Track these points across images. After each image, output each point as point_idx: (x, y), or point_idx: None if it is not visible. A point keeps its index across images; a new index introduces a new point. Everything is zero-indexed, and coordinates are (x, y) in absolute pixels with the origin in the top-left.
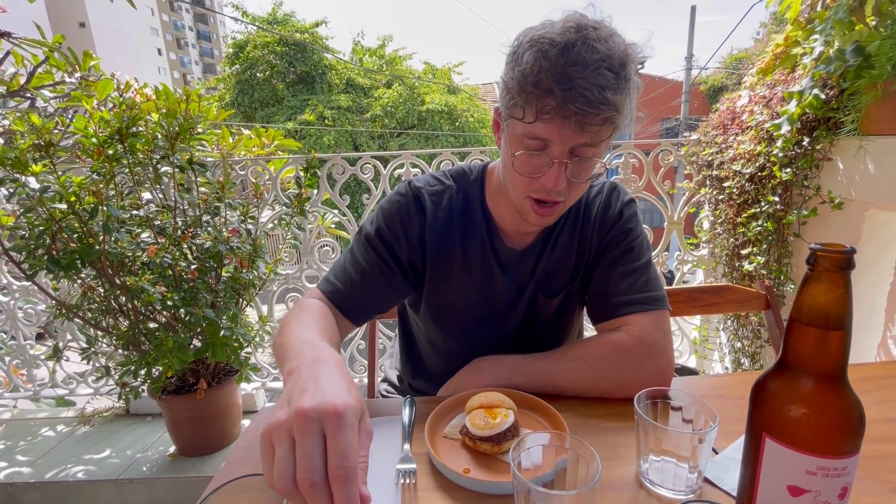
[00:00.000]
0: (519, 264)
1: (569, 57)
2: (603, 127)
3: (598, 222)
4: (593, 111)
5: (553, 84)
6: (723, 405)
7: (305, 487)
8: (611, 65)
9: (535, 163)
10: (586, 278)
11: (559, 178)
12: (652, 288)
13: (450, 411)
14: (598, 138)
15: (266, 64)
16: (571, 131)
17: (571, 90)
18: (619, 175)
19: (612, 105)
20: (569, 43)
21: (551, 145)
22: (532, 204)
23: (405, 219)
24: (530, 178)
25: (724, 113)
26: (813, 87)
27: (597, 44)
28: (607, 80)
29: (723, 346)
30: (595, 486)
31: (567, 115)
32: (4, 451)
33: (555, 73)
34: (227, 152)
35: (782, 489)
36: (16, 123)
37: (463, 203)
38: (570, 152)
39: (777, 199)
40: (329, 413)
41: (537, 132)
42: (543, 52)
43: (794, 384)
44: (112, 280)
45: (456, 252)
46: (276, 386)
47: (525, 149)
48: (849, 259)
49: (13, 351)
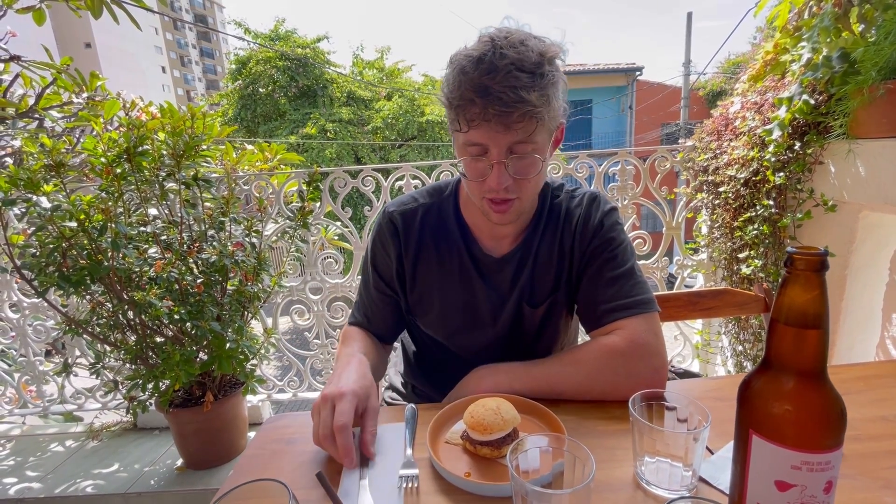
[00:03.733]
0: (498, 271)
1: (482, 67)
2: (526, 122)
3: (578, 232)
4: (511, 110)
5: (473, 94)
6: (719, 407)
7: (321, 438)
8: (522, 66)
9: (479, 167)
10: (572, 288)
11: (501, 176)
12: (639, 292)
13: (450, 417)
14: (526, 134)
15: (268, 79)
16: (498, 132)
17: (489, 96)
18: (616, 182)
19: (528, 102)
20: (482, 55)
21: (488, 148)
22: (489, 204)
23: (385, 244)
24: (479, 181)
25: (718, 119)
26: (802, 93)
27: (507, 50)
28: (520, 81)
29: (725, 350)
30: (590, 484)
31: (489, 119)
32: (15, 466)
33: (473, 84)
34: (230, 168)
35: (770, 484)
36: (27, 145)
37: (437, 217)
38: (508, 152)
39: (772, 202)
40: (337, 394)
41: (472, 139)
42: (462, 68)
43: (778, 382)
44: (120, 295)
45: (433, 264)
46: (281, 398)
47: (468, 155)
48: (822, 261)
49: (23, 367)
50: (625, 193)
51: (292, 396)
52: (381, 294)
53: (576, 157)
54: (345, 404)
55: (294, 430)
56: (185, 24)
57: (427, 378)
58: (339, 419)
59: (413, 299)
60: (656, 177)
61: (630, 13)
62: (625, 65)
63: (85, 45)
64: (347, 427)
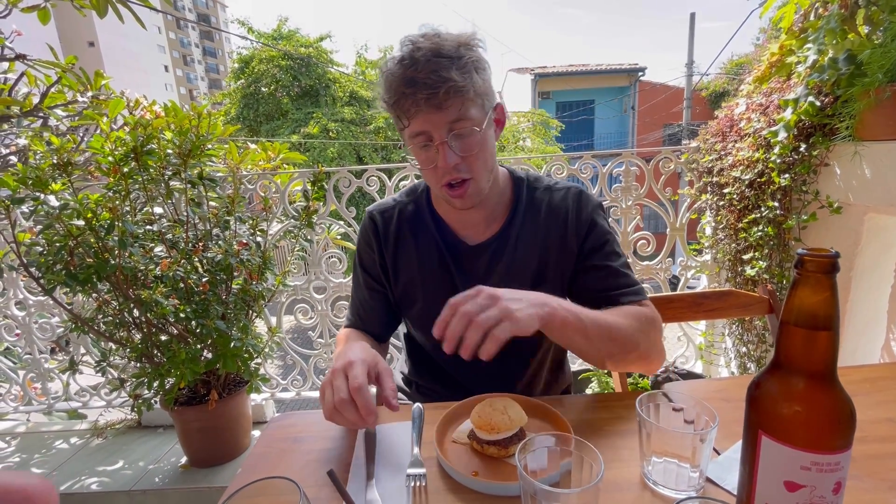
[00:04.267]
0: (475, 258)
1: (405, 63)
2: (454, 99)
3: (571, 227)
4: (437, 90)
5: (403, 87)
6: (725, 408)
7: (338, 402)
8: (440, 52)
9: (428, 155)
10: (564, 281)
11: (448, 156)
12: (637, 281)
13: (457, 417)
14: (458, 111)
15: (271, 78)
16: (431, 114)
17: (415, 84)
18: (621, 183)
19: (451, 80)
20: (403, 54)
21: (431, 134)
22: (447, 190)
23: (368, 241)
24: (432, 169)
25: (723, 120)
26: (808, 95)
27: (422, 44)
28: (440, 64)
29: (728, 352)
30: (598, 484)
31: (421, 105)
32: (20, 463)
33: (401, 80)
34: (234, 167)
35: (779, 485)
36: (34, 143)
37: (413, 213)
38: (448, 132)
39: (777, 204)
40: (347, 363)
41: (414, 129)
42: (389, 71)
43: (787, 383)
44: (126, 293)
45: (413, 257)
46: (284, 396)
47: (416, 146)
48: (833, 263)
49: (28, 365)
50: (629, 194)
51: (296, 395)
52: (371, 290)
53: (580, 157)
54: (357, 369)
55: (301, 429)
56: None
57: (429, 375)
58: (354, 381)
59: (398, 292)
60: (660, 178)
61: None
62: (627, 65)
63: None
64: (364, 386)
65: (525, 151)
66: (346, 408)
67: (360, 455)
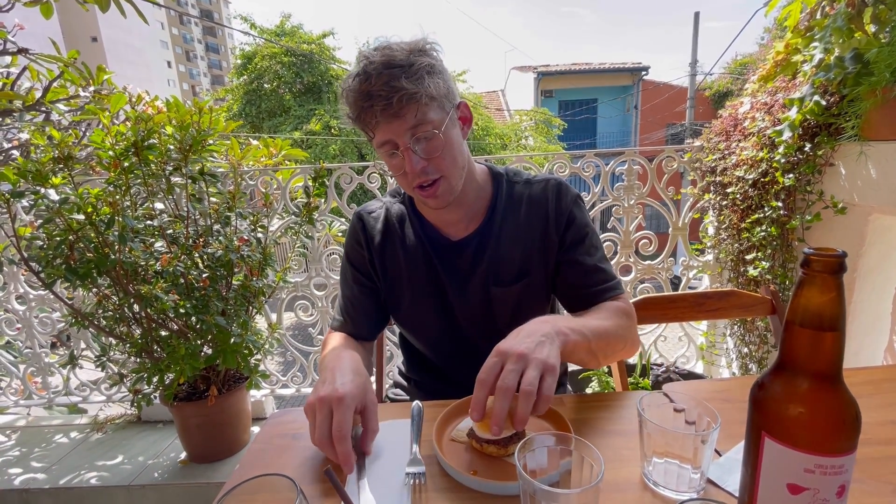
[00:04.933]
0: (459, 254)
1: (360, 79)
2: (408, 106)
3: (552, 220)
4: (390, 100)
5: (362, 102)
6: (726, 408)
7: (319, 443)
8: (392, 62)
9: (396, 162)
10: (549, 272)
11: (412, 160)
12: (615, 275)
13: (456, 415)
14: (415, 116)
15: (273, 75)
16: (390, 122)
17: (371, 98)
18: (623, 182)
19: (402, 88)
20: (358, 71)
21: (394, 141)
22: (419, 192)
23: (357, 239)
24: (402, 174)
25: (727, 119)
26: (813, 94)
27: (374, 58)
28: (392, 75)
29: (730, 352)
30: (598, 484)
31: (379, 116)
32: (20, 457)
33: (358, 95)
34: (236, 163)
35: (782, 488)
36: (35, 137)
37: (398, 212)
38: (411, 137)
39: (780, 204)
40: (335, 399)
41: (378, 139)
42: (348, 88)
43: (792, 384)
44: (126, 288)
45: (398, 254)
46: (284, 393)
47: (385, 155)
48: (840, 262)
49: (28, 359)
50: (631, 193)
51: (295, 392)
52: (360, 287)
53: (582, 156)
54: (343, 413)
55: (299, 426)
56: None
57: (426, 372)
58: (337, 429)
59: (386, 289)
60: (663, 177)
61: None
62: (631, 64)
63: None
64: (346, 437)
65: (527, 150)
66: (326, 448)
67: (358, 452)
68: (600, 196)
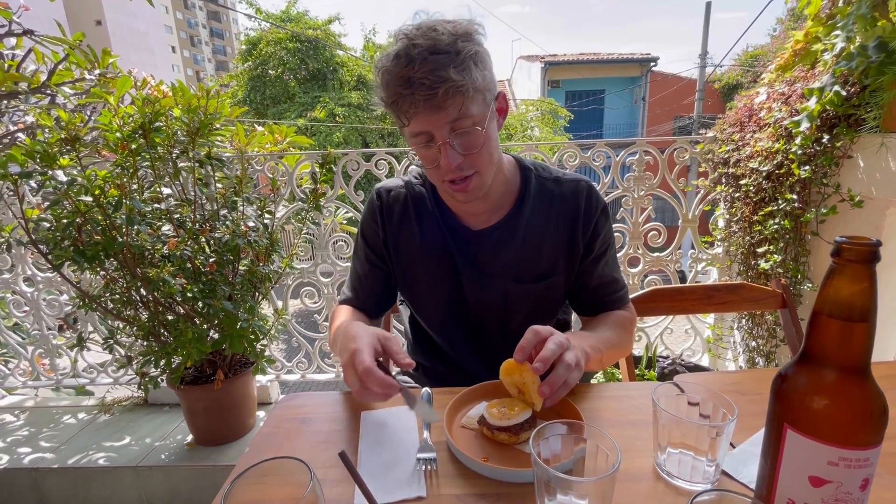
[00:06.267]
0: (478, 244)
1: (400, 62)
2: (453, 99)
3: (582, 224)
4: (435, 91)
5: (400, 88)
6: (739, 401)
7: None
8: (437, 49)
9: (429, 154)
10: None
11: (450, 156)
12: (625, 284)
13: (466, 403)
14: (458, 110)
15: (278, 61)
16: (433, 115)
17: (412, 85)
18: (633, 172)
19: (449, 79)
20: (398, 51)
21: (432, 133)
22: (449, 185)
23: (373, 216)
24: (434, 167)
25: (742, 110)
26: (834, 84)
27: (418, 41)
28: (437, 62)
29: (737, 346)
30: (615, 473)
31: (420, 106)
32: (28, 437)
33: (398, 79)
34: (241, 148)
35: (803, 480)
36: (42, 118)
37: (418, 197)
38: (450, 131)
39: (795, 196)
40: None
41: (414, 129)
42: (385, 69)
43: (818, 376)
44: (133, 272)
45: (415, 237)
46: (289, 378)
47: (418, 146)
48: (874, 251)
49: (36, 340)
50: (641, 184)
51: (301, 378)
52: (371, 264)
53: (592, 145)
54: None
55: (308, 410)
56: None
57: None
58: (360, 367)
59: (399, 271)
60: (674, 168)
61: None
62: (639, 55)
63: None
64: (371, 369)
65: (533, 140)
66: (368, 395)
67: (366, 438)
68: (609, 186)
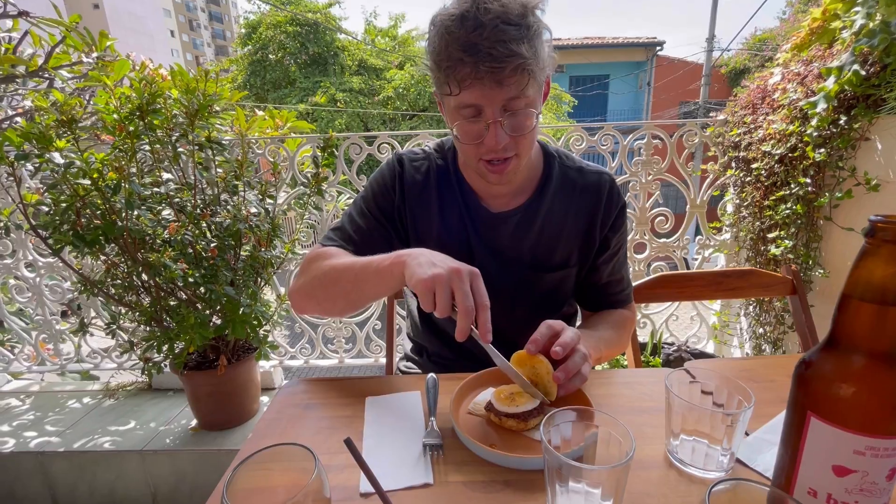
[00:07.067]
0: (496, 227)
1: (467, 24)
2: (518, 76)
3: (601, 217)
4: (503, 65)
5: (461, 53)
6: (753, 388)
7: (467, 309)
8: (508, 19)
9: (474, 129)
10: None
11: (499, 136)
12: (631, 281)
13: (473, 389)
14: (519, 89)
15: (278, 45)
16: (491, 90)
17: (478, 53)
18: (641, 157)
19: (519, 55)
20: (465, 12)
21: (483, 108)
22: (486, 165)
23: (392, 178)
24: (475, 144)
25: (754, 91)
26: (853, 63)
27: (489, 4)
28: (508, 34)
29: (743, 332)
30: (629, 462)
31: (481, 77)
32: (34, 421)
33: (460, 43)
34: (242, 132)
35: (827, 469)
36: (38, 100)
37: (440, 171)
38: (502, 110)
39: (809, 180)
40: (473, 272)
41: (465, 100)
42: (446, 28)
43: (846, 362)
44: (134, 256)
45: (434, 212)
46: (293, 364)
47: (462, 118)
48: None
49: (39, 326)
50: (649, 168)
51: (304, 363)
52: (377, 221)
53: (600, 128)
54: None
55: (312, 396)
56: None
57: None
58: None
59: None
60: (683, 152)
61: None
62: (645, 39)
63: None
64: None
65: None
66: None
67: (371, 424)
68: (617, 172)
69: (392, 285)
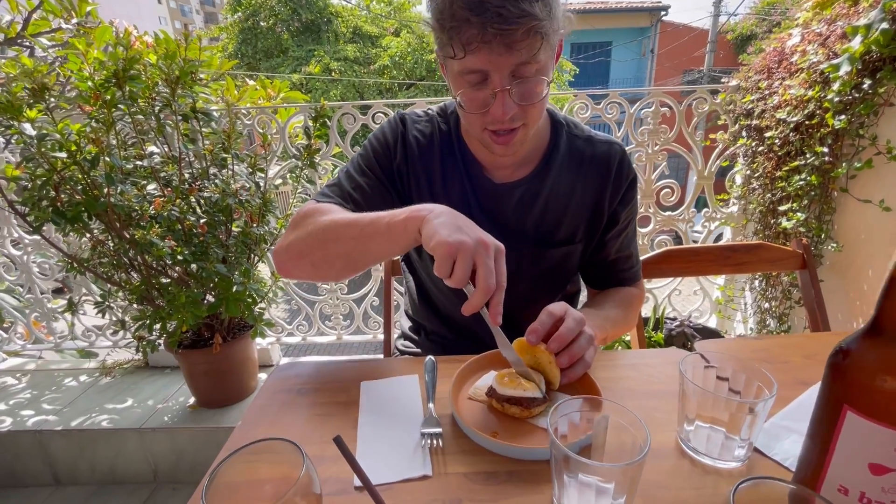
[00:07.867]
0: (499, 198)
1: None
2: (530, 40)
3: (609, 190)
4: (513, 27)
5: (467, 13)
6: (768, 370)
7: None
8: None
9: (479, 97)
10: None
11: (506, 106)
12: (639, 258)
13: (474, 372)
14: (531, 54)
15: (269, 11)
16: (500, 55)
17: (486, 13)
18: (649, 125)
19: (531, 15)
20: None
21: (490, 75)
22: (490, 136)
23: (394, 144)
24: (480, 114)
25: (770, 54)
26: (883, 20)
27: None
28: None
29: (748, 307)
30: (644, 459)
31: (489, 40)
32: (31, 399)
33: (466, 2)
34: (230, 101)
35: (862, 467)
36: (6, 66)
37: (443, 135)
38: (511, 76)
39: (826, 150)
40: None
41: (470, 65)
42: None
43: (891, 352)
44: (120, 233)
45: (435, 178)
46: (290, 341)
47: (467, 85)
48: None
49: (31, 304)
50: (656, 138)
51: (301, 340)
52: (379, 182)
53: (605, 96)
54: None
55: (304, 381)
56: None
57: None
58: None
59: None
60: (692, 120)
61: None
62: (650, 2)
63: None
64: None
65: None
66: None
67: (367, 410)
68: (622, 142)
69: (404, 244)
